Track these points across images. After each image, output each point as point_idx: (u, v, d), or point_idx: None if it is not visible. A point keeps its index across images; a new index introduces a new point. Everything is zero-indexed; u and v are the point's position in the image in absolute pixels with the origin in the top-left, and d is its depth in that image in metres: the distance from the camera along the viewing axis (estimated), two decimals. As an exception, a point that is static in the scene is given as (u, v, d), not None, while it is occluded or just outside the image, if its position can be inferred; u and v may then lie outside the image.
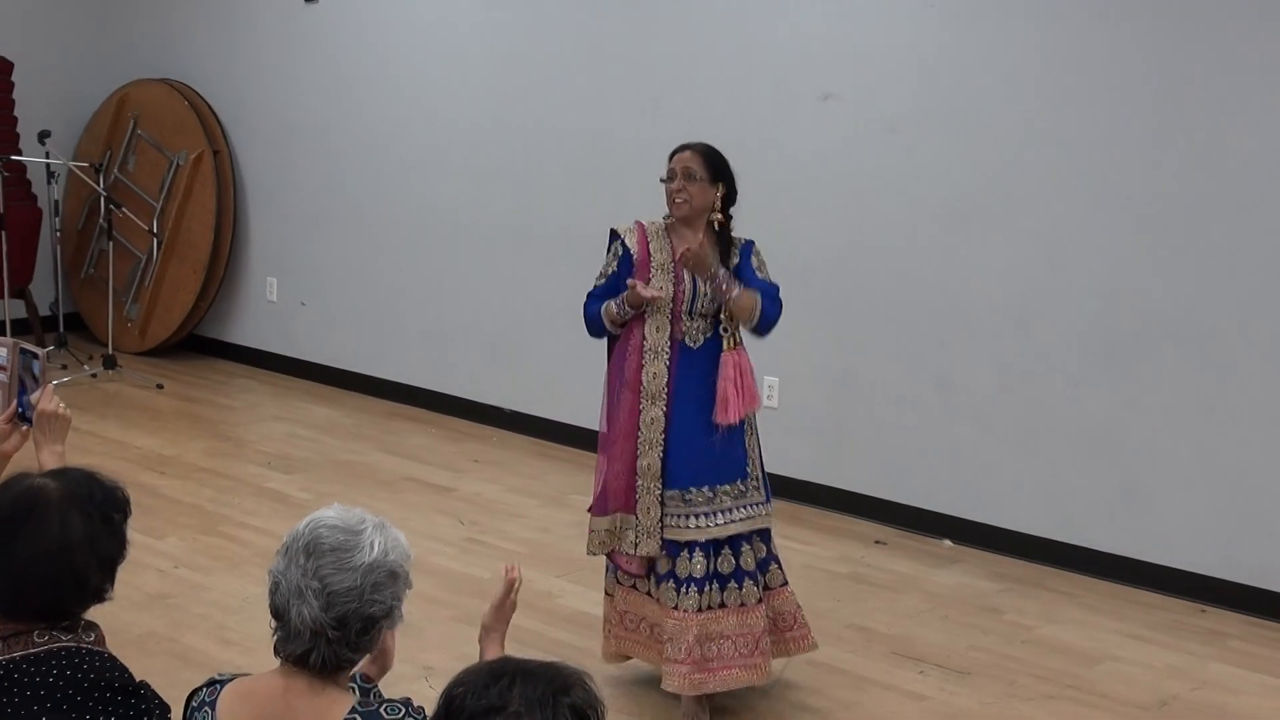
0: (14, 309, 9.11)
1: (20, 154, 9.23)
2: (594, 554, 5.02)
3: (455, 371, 8.57)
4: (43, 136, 8.92)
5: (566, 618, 5.73)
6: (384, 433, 8.23)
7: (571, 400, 7.91)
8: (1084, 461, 6.42)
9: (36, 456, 3.54)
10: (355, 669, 2.85)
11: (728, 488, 4.84)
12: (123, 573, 2.89)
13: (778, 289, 4.89)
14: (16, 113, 9.39)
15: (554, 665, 2.19)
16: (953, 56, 6.62)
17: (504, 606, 3.19)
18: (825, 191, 7.01)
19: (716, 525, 4.82)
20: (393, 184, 8.69)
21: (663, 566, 4.87)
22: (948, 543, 6.74)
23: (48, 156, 8.99)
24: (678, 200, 4.80)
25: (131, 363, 9.30)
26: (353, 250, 8.95)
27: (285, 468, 7.51)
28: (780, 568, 5.05)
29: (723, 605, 4.85)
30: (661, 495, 4.81)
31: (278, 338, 9.49)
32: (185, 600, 5.76)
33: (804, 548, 6.61)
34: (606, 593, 5.12)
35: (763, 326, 4.87)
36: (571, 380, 7.92)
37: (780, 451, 7.24)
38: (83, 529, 2.76)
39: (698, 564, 4.81)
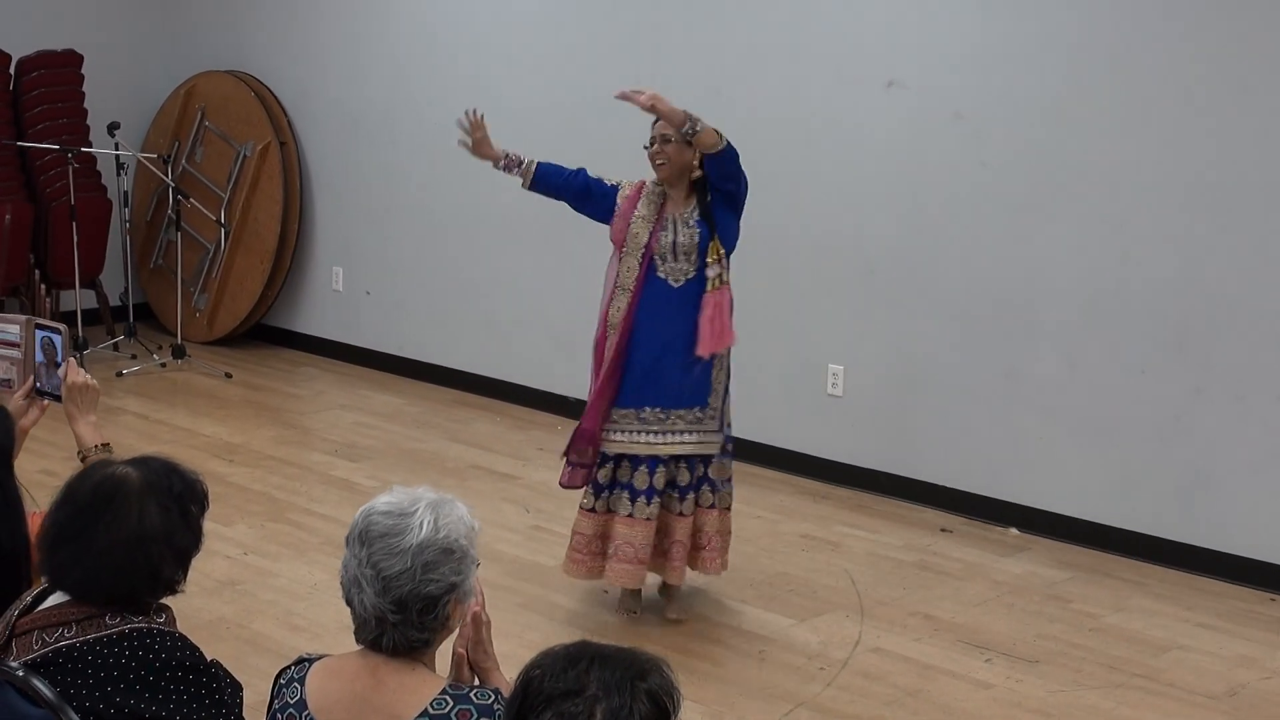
0: (85, 299, 9.21)
1: (90, 146, 9.32)
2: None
3: (520, 360, 8.58)
4: (112, 128, 9.01)
5: (631, 605, 5.74)
6: (449, 421, 8.27)
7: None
8: (1152, 449, 6.37)
9: (72, 430, 3.59)
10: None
11: (683, 412, 5.40)
12: (193, 560, 2.93)
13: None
14: (86, 105, 9.48)
15: (631, 650, 2.20)
16: (1019, 43, 6.57)
17: (485, 642, 2.92)
18: (891, 180, 6.98)
19: (664, 444, 5.41)
20: (457, 173, 8.68)
21: (621, 476, 5.48)
22: (1014, 531, 6.71)
23: (117, 148, 9.08)
24: (658, 163, 5.43)
25: (200, 352, 9.39)
26: (417, 240, 8.99)
27: (352, 455, 7.56)
28: (714, 492, 5.55)
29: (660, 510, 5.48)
30: (608, 411, 5.42)
31: (343, 327, 9.55)
32: (254, 587, 5.82)
33: (870, 535, 6.60)
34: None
35: (726, 154, 5.31)
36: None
37: (845, 439, 7.25)
38: (160, 521, 2.78)
39: (641, 477, 5.43)
